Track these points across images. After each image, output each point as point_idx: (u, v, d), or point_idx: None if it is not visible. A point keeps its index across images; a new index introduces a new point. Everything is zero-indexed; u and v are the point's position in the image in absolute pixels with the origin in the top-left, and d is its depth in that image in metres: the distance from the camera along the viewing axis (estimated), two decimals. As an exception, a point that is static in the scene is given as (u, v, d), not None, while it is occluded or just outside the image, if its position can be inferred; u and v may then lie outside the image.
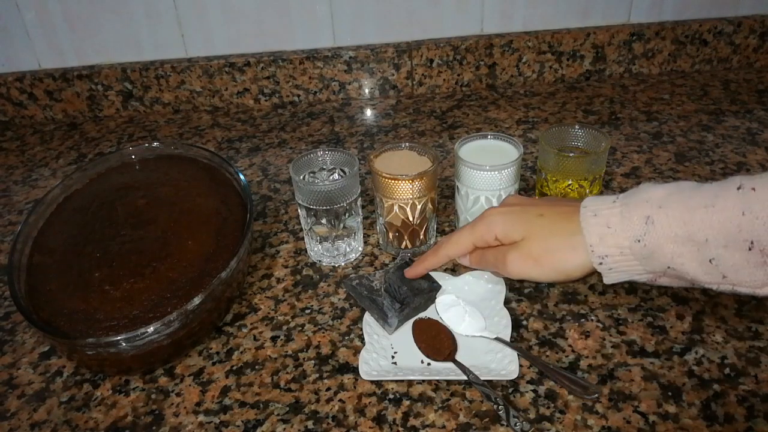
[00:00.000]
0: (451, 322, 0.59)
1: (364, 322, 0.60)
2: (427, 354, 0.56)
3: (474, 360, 0.56)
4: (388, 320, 0.58)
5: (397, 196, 0.65)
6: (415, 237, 0.68)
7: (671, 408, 0.51)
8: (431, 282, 0.62)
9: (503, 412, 0.50)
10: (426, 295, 0.61)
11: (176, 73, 1.05)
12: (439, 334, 0.58)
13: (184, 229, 0.63)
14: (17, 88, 1.05)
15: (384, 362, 0.56)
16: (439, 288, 0.62)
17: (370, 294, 0.60)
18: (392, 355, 0.57)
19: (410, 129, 0.99)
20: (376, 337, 0.58)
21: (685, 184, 0.51)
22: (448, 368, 0.55)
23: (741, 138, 0.90)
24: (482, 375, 0.53)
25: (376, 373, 0.54)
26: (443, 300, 0.61)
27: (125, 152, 0.75)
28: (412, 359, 0.56)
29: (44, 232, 0.66)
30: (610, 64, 1.11)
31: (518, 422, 0.49)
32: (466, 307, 0.60)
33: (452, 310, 0.60)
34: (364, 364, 0.55)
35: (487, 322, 0.59)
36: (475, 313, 0.59)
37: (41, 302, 0.58)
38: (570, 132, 0.72)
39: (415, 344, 0.58)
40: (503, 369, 0.54)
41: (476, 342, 0.58)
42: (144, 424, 0.53)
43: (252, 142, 0.97)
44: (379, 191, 0.66)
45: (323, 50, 1.05)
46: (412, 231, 0.68)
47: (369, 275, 0.62)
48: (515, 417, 0.50)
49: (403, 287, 0.60)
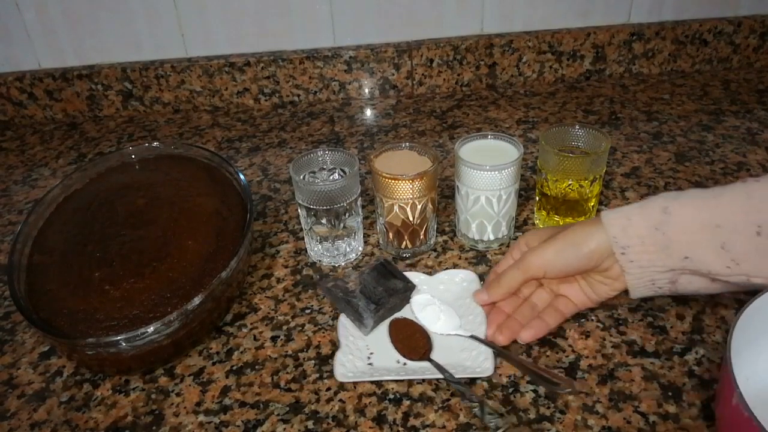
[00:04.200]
0: (426, 321, 0.59)
1: (339, 323, 0.60)
2: (403, 354, 0.57)
3: (449, 358, 0.56)
4: (363, 321, 0.58)
5: (397, 196, 0.65)
6: (415, 237, 0.68)
7: (671, 408, 0.51)
8: (406, 282, 0.62)
9: (478, 410, 0.50)
10: (401, 295, 0.61)
11: (176, 73, 1.05)
12: (414, 334, 0.58)
13: (184, 229, 0.63)
14: (17, 87, 1.05)
15: (360, 363, 0.56)
16: (414, 288, 0.62)
17: (345, 296, 0.60)
18: (368, 356, 0.57)
19: (410, 129, 0.99)
20: (351, 339, 0.59)
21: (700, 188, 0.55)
22: (424, 367, 0.55)
23: (741, 138, 0.90)
24: (458, 373, 0.54)
25: (351, 374, 0.55)
26: (418, 299, 0.61)
27: (125, 152, 0.75)
28: (388, 359, 0.57)
29: (44, 232, 0.66)
30: (610, 64, 1.11)
31: (493, 420, 0.50)
32: (441, 306, 0.60)
33: (427, 309, 0.60)
34: (340, 366, 0.55)
35: (462, 321, 0.59)
36: (450, 311, 0.60)
37: (41, 302, 0.58)
38: (570, 132, 0.72)
39: (391, 344, 0.58)
40: (478, 366, 0.54)
41: (452, 340, 0.58)
42: (144, 424, 0.53)
43: (252, 142, 0.97)
44: (379, 191, 0.66)
45: (323, 50, 1.05)
46: (412, 231, 0.68)
47: (344, 277, 0.62)
48: (490, 414, 0.50)
49: (378, 288, 0.60)
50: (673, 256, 0.53)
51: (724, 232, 0.51)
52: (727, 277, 0.52)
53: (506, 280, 0.58)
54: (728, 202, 0.51)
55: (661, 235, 0.53)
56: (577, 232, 0.56)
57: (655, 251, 0.53)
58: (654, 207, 0.53)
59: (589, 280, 0.58)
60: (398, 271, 0.63)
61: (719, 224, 0.51)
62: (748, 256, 0.51)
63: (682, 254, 0.52)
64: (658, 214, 0.53)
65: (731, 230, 0.51)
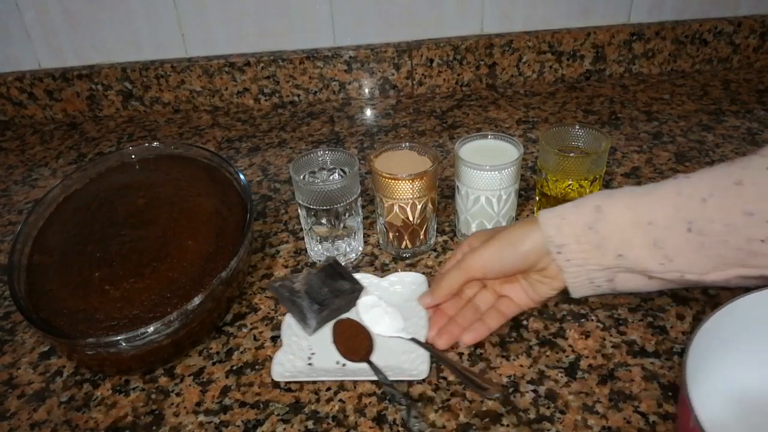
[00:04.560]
0: (370, 323, 0.60)
1: (284, 323, 0.60)
2: (344, 354, 0.57)
3: (389, 360, 0.56)
4: (307, 321, 0.58)
5: (397, 196, 0.65)
6: (415, 237, 0.68)
7: (671, 408, 0.51)
8: (353, 283, 0.62)
9: (405, 412, 0.51)
10: (347, 296, 0.61)
11: (176, 73, 1.05)
12: (357, 335, 0.58)
13: (184, 229, 0.63)
14: (17, 87, 1.05)
15: (300, 363, 0.57)
16: (362, 289, 0.62)
17: (291, 296, 0.60)
18: (309, 356, 0.57)
19: (410, 129, 0.99)
20: (295, 339, 0.59)
21: (634, 186, 0.56)
22: (362, 369, 0.56)
23: (741, 138, 0.90)
24: (394, 375, 0.54)
25: (289, 374, 0.55)
26: (365, 301, 0.62)
27: (125, 152, 0.75)
28: (329, 360, 0.57)
29: (44, 232, 0.66)
30: (610, 64, 1.11)
31: (417, 423, 0.50)
32: (387, 308, 0.60)
33: (373, 310, 0.60)
34: (278, 365, 0.56)
35: (407, 323, 0.60)
36: (396, 313, 0.60)
37: (41, 302, 0.58)
38: (570, 132, 0.72)
39: (333, 345, 0.58)
40: (414, 369, 0.55)
41: (395, 342, 0.58)
42: (144, 424, 0.53)
43: (252, 142, 0.97)
44: (380, 191, 0.66)
45: (323, 50, 1.05)
46: (413, 231, 0.68)
47: (292, 277, 0.62)
48: (415, 417, 0.50)
49: (324, 289, 0.61)
50: (607, 255, 0.53)
51: (655, 229, 0.51)
52: (661, 274, 0.53)
53: (447, 281, 0.58)
54: (659, 198, 0.52)
55: (594, 234, 0.53)
56: (515, 232, 0.56)
57: (589, 249, 0.53)
58: (587, 205, 0.54)
59: (529, 280, 0.59)
60: (347, 272, 0.63)
61: (651, 221, 0.51)
62: (681, 252, 0.51)
63: (615, 252, 0.53)
64: (591, 213, 0.53)
65: (663, 227, 0.51)
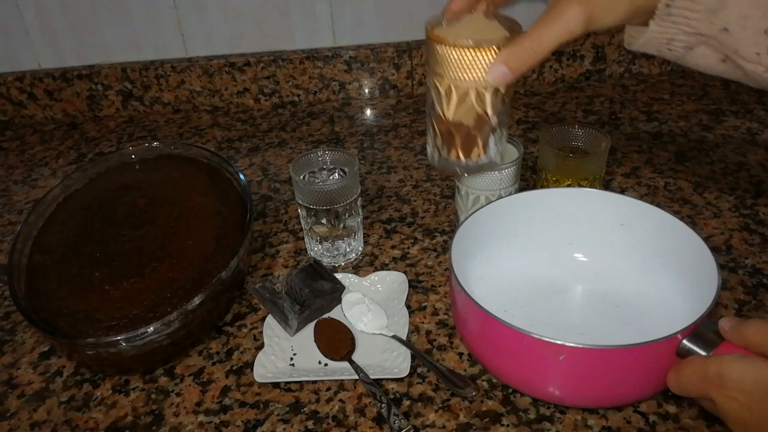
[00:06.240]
0: (353, 319, 0.60)
1: (265, 324, 0.60)
2: (326, 354, 0.57)
3: (371, 359, 0.57)
4: (288, 322, 0.59)
5: (478, 76, 0.47)
6: (486, 139, 0.51)
7: (671, 408, 0.51)
8: (335, 283, 0.62)
9: (385, 410, 0.51)
10: (329, 296, 0.61)
11: (176, 73, 1.05)
12: (338, 334, 0.59)
13: (184, 229, 0.63)
14: (17, 87, 1.05)
15: (281, 364, 0.57)
16: (343, 289, 0.63)
17: (272, 297, 0.60)
18: (291, 356, 0.58)
19: (410, 129, 0.99)
20: (276, 340, 0.59)
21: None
22: (344, 368, 0.56)
23: (741, 138, 0.90)
24: (376, 373, 0.54)
25: (271, 375, 0.55)
26: (348, 298, 0.62)
27: (125, 152, 0.75)
28: (311, 360, 0.57)
29: (44, 232, 0.66)
30: (610, 64, 1.11)
31: (397, 421, 0.50)
32: (371, 306, 0.60)
33: (355, 308, 0.61)
34: (260, 367, 0.56)
35: (390, 321, 0.60)
36: (379, 311, 0.60)
37: (41, 302, 0.58)
38: (570, 132, 0.72)
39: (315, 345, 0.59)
40: (396, 367, 0.55)
41: (377, 340, 0.58)
42: (144, 424, 0.53)
43: (252, 142, 0.97)
44: (446, 74, 0.48)
45: (323, 50, 1.05)
46: (485, 130, 0.50)
47: (273, 277, 0.63)
48: (395, 415, 0.50)
49: (305, 289, 0.61)
50: (715, 23, 0.50)
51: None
52: (747, 63, 0.50)
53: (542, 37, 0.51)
54: None
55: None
56: None
57: (701, 11, 0.50)
58: None
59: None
60: (327, 272, 0.63)
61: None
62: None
63: (723, 24, 0.50)
64: None
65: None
